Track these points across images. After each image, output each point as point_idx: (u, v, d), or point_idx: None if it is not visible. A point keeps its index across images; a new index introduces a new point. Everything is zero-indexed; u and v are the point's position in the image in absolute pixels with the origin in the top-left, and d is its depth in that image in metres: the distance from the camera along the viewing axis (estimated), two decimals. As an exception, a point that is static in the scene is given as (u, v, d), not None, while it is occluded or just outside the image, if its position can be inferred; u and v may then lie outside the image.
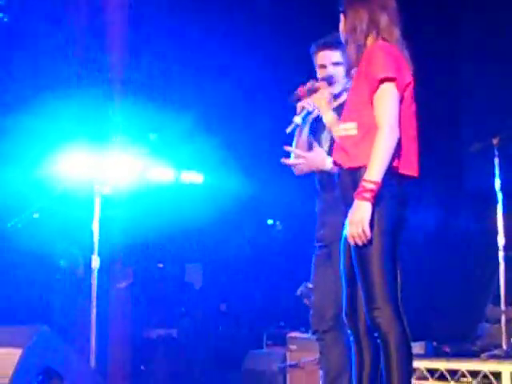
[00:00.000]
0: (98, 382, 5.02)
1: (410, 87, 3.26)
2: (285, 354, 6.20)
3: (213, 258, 8.72)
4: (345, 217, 3.23)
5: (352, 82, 3.37)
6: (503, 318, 5.36)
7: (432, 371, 5.15)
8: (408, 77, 3.25)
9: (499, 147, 5.43)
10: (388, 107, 3.16)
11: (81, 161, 6.05)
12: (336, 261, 3.55)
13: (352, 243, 3.12)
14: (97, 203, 5.79)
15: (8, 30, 7.03)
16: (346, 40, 3.34)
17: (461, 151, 7.01)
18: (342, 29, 3.37)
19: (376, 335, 3.12)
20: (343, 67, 3.70)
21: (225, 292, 8.70)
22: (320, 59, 4.06)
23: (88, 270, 5.84)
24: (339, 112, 3.55)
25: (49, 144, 6.42)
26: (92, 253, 5.74)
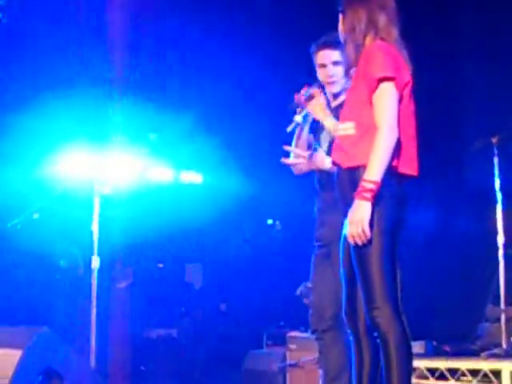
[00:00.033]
0: (98, 382, 5.02)
1: (409, 86, 3.26)
2: (284, 354, 6.20)
3: (212, 258, 8.72)
4: (344, 216, 3.23)
5: (351, 82, 3.37)
6: (503, 317, 5.37)
7: (432, 370, 5.15)
8: (406, 76, 3.25)
9: (499, 146, 5.43)
10: (387, 107, 3.16)
11: (81, 161, 6.05)
12: (335, 260, 3.56)
13: (352, 243, 3.12)
14: (96, 203, 5.80)
15: (7, 31, 7.03)
16: (345, 40, 3.35)
17: (460, 150, 7.00)
18: (341, 28, 3.38)
19: (375, 335, 3.12)
20: (343, 67, 3.71)
21: (225, 292, 8.70)
22: (320, 58, 4.06)
23: (88, 270, 5.84)
24: (338, 112, 3.55)
25: (49, 144, 6.42)
26: (92, 253, 5.74)
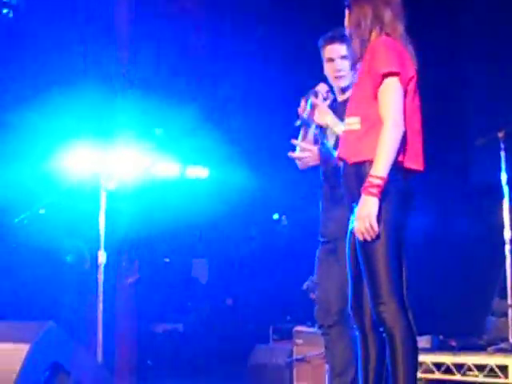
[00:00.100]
0: (105, 377, 5.04)
1: (414, 81, 3.25)
2: (291, 349, 6.20)
3: (219, 253, 8.73)
4: (350, 212, 3.23)
5: (356, 77, 3.37)
6: (510, 312, 5.35)
7: (438, 365, 5.15)
8: (411, 71, 3.25)
9: (505, 140, 5.42)
10: (392, 102, 3.16)
11: (87, 156, 6.06)
12: (341, 256, 3.56)
13: (360, 238, 3.11)
14: (103, 198, 5.81)
15: (13, 27, 7.04)
16: (351, 35, 3.34)
17: (466, 145, 6.99)
18: (347, 24, 3.38)
19: (381, 330, 3.13)
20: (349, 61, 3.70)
21: (231, 287, 8.71)
22: (328, 52, 4.05)
23: (94, 265, 5.86)
24: (346, 106, 3.54)
25: (55, 140, 6.43)
26: (98, 247, 5.75)
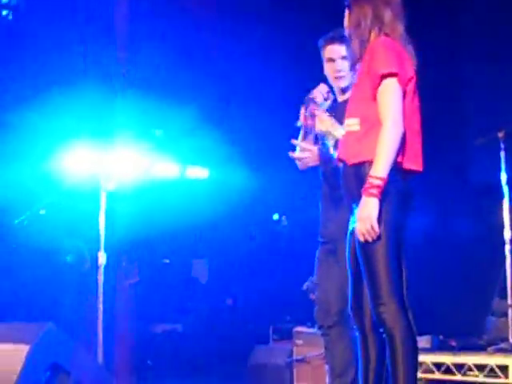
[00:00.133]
0: (105, 378, 5.03)
1: (413, 82, 3.25)
2: (291, 349, 6.20)
3: (218, 253, 8.72)
4: (349, 212, 3.23)
5: (356, 78, 3.37)
6: (510, 312, 5.35)
7: (438, 365, 5.15)
8: (410, 71, 3.25)
9: (505, 140, 5.42)
10: (391, 102, 3.16)
11: (86, 156, 6.06)
12: (341, 256, 3.56)
13: (361, 240, 3.11)
14: (103, 199, 5.80)
15: (13, 27, 7.04)
16: (350, 35, 3.34)
17: (466, 145, 6.99)
18: (347, 24, 3.37)
19: (381, 330, 3.13)
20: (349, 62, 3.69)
21: (231, 287, 8.71)
22: (328, 53, 4.04)
23: (94, 266, 5.85)
24: (345, 107, 3.54)
25: (55, 140, 6.43)
26: (98, 248, 5.75)
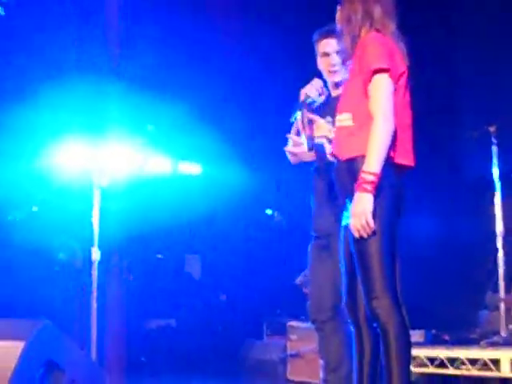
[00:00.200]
0: (99, 374, 5.03)
1: (404, 77, 3.26)
2: (285, 344, 6.22)
3: (211, 249, 8.72)
4: (342, 207, 3.24)
5: (347, 73, 3.37)
6: (502, 306, 5.38)
7: (432, 359, 5.17)
8: (402, 66, 3.26)
9: (496, 135, 5.43)
10: (382, 97, 3.16)
11: (79, 152, 6.05)
12: (334, 251, 3.56)
13: (356, 235, 3.11)
14: (96, 195, 5.79)
15: (4, 23, 7.01)
16: (341, 31, 3.35)
17: (458, 140, 7.00)
18: (338, 19, 3.38)
19: (375, 325, 3.14)
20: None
21: (224, 282, 8.71)
22: (322, 47, 4.01)
23: (87, 262, 5.85)
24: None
25: (46, 136, 6.42)
26: (91, 245, 5.74)
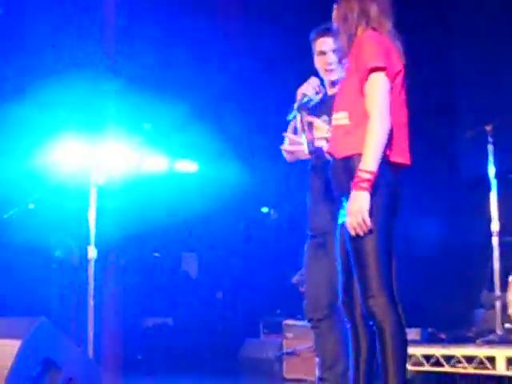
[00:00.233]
0: (96, 372, 5.04)
1: (401, 75, 3.26)
2: (281, 342, 6.22)
3: (208, 247, 8.72)
4: (338, 206, 3.24)
5: (344, 72, 3.38)
6: (498, 304, 5.39)
7: (428, 357, 5.18)
8: (398, 65, 3.26)
9: (493, 134, 5.44)
10: (378, 96, 3.17)
11: (76, 150, 6.04)
12: (330, 249, 3.56)
13: (352, 234, 3.11)
14: (93, 193, 5.78)
15: (2, 21, 7.01)
16: (338, 29, 3.35)
17: (454, 139, 7.02)
18: (334, 18, 3.39)
19: (371, 323, 3.15)
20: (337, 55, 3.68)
21: (221, 280, 8.72)
22: (319, 45, 4.01)
23: (84, 260, 5.84)
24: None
25: (43, 134, 6.41)
26: (88, 243, 5.73)
